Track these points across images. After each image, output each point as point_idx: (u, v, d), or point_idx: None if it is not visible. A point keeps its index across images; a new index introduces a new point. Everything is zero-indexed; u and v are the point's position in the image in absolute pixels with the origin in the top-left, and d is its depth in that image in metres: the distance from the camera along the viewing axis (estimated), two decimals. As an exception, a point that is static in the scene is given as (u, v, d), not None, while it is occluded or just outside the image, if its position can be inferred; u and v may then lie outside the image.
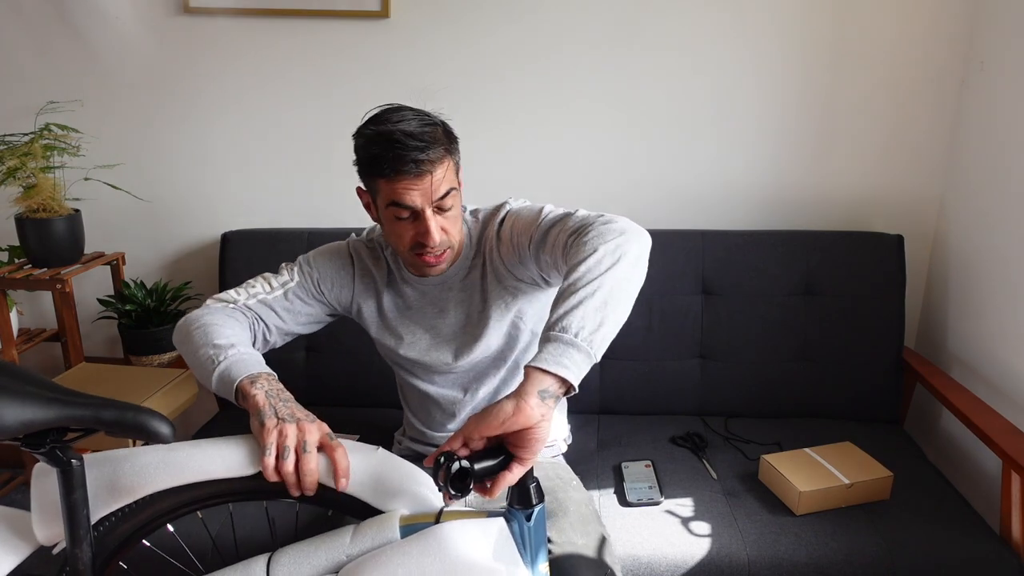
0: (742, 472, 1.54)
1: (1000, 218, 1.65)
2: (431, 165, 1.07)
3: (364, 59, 1.89)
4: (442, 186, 1.09)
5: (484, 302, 1.25)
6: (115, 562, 0.87)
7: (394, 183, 1.08)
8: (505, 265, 1.22)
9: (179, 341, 1.12)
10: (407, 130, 1.06)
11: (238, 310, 1.17)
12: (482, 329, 1.24)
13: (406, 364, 1.31)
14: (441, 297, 1.27)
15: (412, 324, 1.28)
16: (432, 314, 1.27)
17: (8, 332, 1.79)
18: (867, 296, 1.77)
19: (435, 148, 1.07)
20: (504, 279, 1.23)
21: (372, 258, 1.29)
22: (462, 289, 1.26)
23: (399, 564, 0.78)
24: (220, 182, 2.00)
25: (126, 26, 1.89)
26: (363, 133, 1.12)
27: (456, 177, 1.15)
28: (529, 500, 0.82)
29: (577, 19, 1.84)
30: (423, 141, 1.06)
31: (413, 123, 1.07)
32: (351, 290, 1.28)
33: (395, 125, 1.07)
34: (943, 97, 1.84)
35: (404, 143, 1.05)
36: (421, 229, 1.11)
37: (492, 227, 1.23)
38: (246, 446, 0.88)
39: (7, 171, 1.70)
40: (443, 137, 1.11)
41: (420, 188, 1.08)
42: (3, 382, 0.73)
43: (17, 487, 2.06)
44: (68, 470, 0.77)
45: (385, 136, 1.07)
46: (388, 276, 1.29)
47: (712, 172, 1.94)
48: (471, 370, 1.29)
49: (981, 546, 1.32)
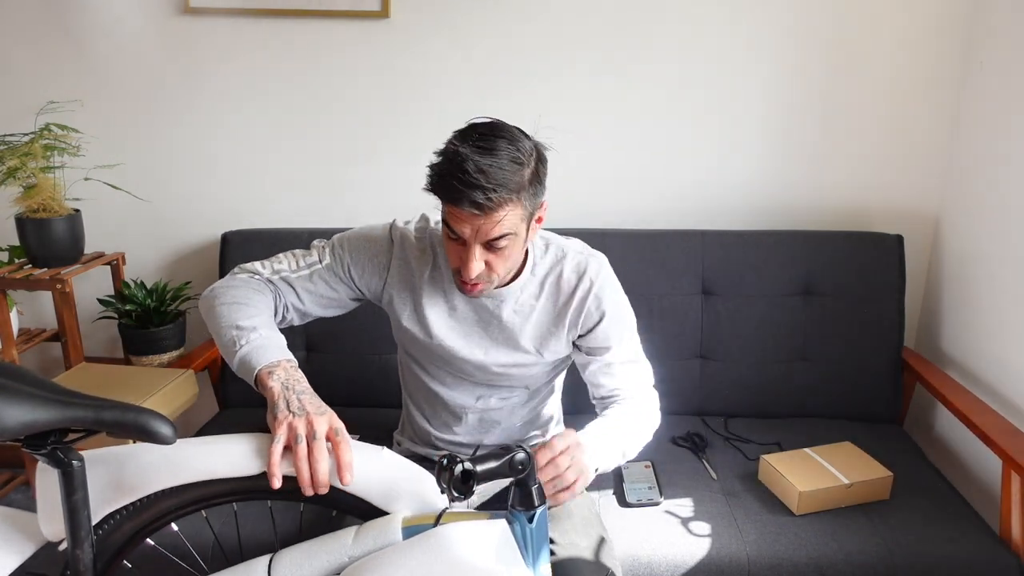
0: (742, 472, 1.54)
1: (1000, 218, 1.66)
2: (491, 210, 1.00)
3: (364, 59, 1.89)
4: (497, 229, 1.03)
5: (532, 329, 1.23)
6: (119, 560, 0.87)
7: (450, 208, 1.04)
8: (567, 323, 1.22)
9: (205, 313, 1.13)
10: (481, 165, 0.98)
11: (262, 282, 1.16)
12: (514, 343, 1.23)
13: (424, 359, 1.29)
14: (485, 308, 1.23)
15: (447, 322, 1.24)
16: (472, 321, 1.23)
17: (8, 332, 1.79)
18: (867, 296, 1.77)
19: (502, 192, 0.99)
20: (556, 329, 1.23)
21: (418, 249, 1.23)
22: (514, 311, 1.22)
23: (401, 565, 0.78)
24: (220, 182, 2.00)
25: (126, 26, 1.89)
26: (447, 143, 1.04)
27: (523, 223, 1.07)
28: (531, 502, 0.82)
29: (577, 20, 1.84)
30: (492, 182, 0.98)
31: (496, 157, 0.99)
32: (382, 279, 1.23)
33: (475, 156, 0.98)
34: (943, 98, 1.84)
35: (470, 179, 0.97)
36: (464, 256, 1.07)
37: (585, 276, 1.20)
38: (251, 445, 0.87)
39: (7, 171, 1.70)
40: (522, 182, 1.02)
41: (472, 225, 1.03)
42: (4, 383, 0.73)
43: (17, 487, 2.06)
44: (69, 471, 0.78)
45: (459, 161, 0.99)
46: (432, 272, 1.22)
47: (712, 172, 1.94)
48: (489, 380, 1.28)
49: (981, 546, 1.32)
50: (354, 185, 1.98)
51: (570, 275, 1.21)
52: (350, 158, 1.96)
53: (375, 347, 1.78)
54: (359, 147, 1.95)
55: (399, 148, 1.94)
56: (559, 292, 1.22)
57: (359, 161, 1.96)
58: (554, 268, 1.22)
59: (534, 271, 1.22)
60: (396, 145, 1.94)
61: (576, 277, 1.21)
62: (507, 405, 1.32)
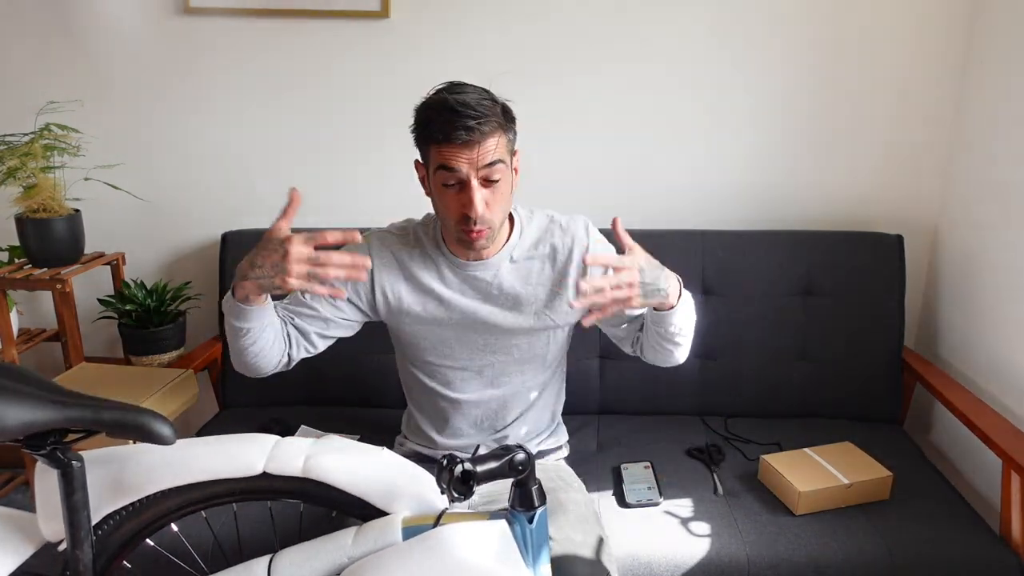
0: (742, 472, 1.54)
1: (1000, 218, 1.66)
2: (482, 136, 1.09)
3: (364, 59, 1.89)
4: (489, 159, 1.10)
5: (533, 296, 1.26)
6: (119, 560, 0.87)
7: (443, 148, 1.10)
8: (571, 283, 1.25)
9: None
10: (463, 100, 1.08)
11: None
12: (518, 306, 1.26)
13: (427, 351, 1.30)
14: (482, 280, 1.26)
15: (445, 301, 1.26)
16: (471, 294, 1.27)
17: (8, 332, 1.79)
18: (867, 296, 1.77)
19: (488, 121, 1.09)
20: (562, 289, 1.26)
21: (400, 238, 1.29)
22: (512, 275, 1.26)
23: (401, 566, 0.78)
24: (220, 182, 2.00)
25: (126, 26, 1.89)
26: (423, 101, 1.14)
27: (508, 154, 1.15)
28: (531, 502, 0.82)
29: (576, 20, 1.84)
30: (477, 111, 1.08)
31: (471, 96, 1.10)
32: (369, 278, 1.26)
33: (452, 95, 1.10)
34: (943, 97, 1.84)
35: (458, 111, 1.07)
36: (465, 200, 1.12)
37: (574, 233, 1.27)
38: (251, 445, 0.88)
39: (7, 171, 1.70)
40: (499, 114, 1.12)
41: (468, 157, 1.09)
42: (4, 383, 0.73)
43: (17, 487, 2.06)
44: (68, 471, 0.78)
45: (440, 103, 1.10)
46: (421, 254, 1.27)
47: (712, 172, 1.94)
48: (496, 348, 1.29)
49: (981, 546, 1.32)
50: (354, 185, 1.98)
51: (564, 238, 1.28)
52: (351, 158, 1.96)
53: (375, 347, 1.78)
54: (359, 147, 1.94)
55: (399, 148, 1.93)
56: (556, 254, 1.27)
57: (359, 161, 1.96)
58: (546, 233, 1.28)
59: (523, 234, 1.27)
60: (396, 145, 1.93)
61: (570, 239, 1.27)
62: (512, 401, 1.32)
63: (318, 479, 0.87)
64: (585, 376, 1.78)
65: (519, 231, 1.27)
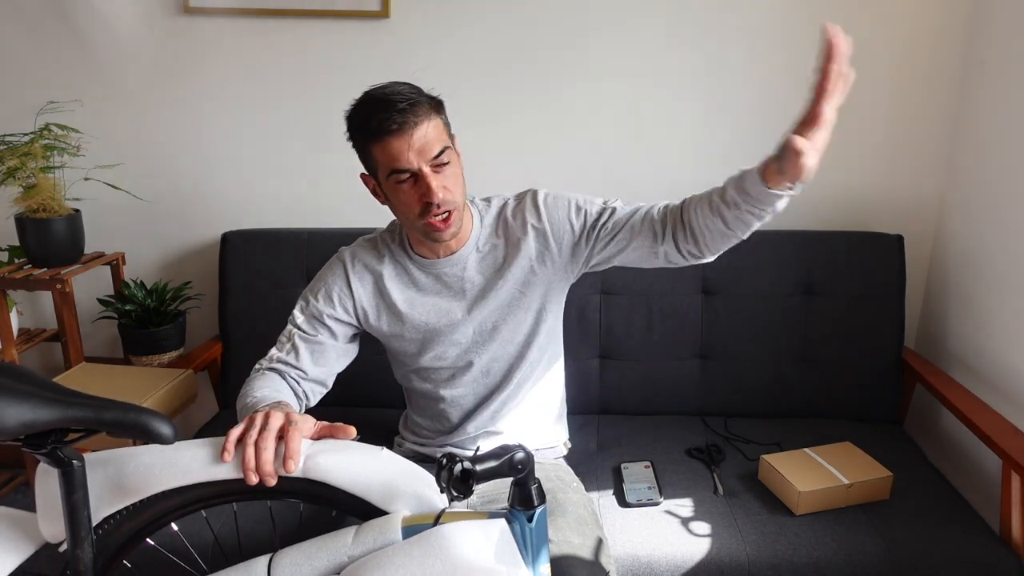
0: (742, 472, 1.54)
1: (1000, 218, 1.66)
2: (415, 118, 1.10)
3: (364, 59, 1.89)
4: (434, 145, 1.12)
5: (502, 279, 1.27)
6: (119, 560, 0.87)
7: (385, 145, 1.11)
8: (553, 234, 1.27)
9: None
10: (387, 92, 1.11)
11: (270, 370, 1.22)
12: (492, 298, 1.27)
13: (416, 357, 1.32)
14: (452, 276, 1.28)
15: (417, 297, 1.29)
16: (437, 291, 1.29)
17: (8, 332, 1.79)
18: (867, 296, 1.77)
19: (419, 104, 1.11)
20: (544, 255, 1.27)
21: (370, 248, 1.32)
22: (479, 271, 1.28)
23: (400, 565, 0.78)
24: (220, 182, 2.00)
25: (126, 26, 1.89)
26: (350, 108, 1.16)
27: (449, 139, 1.17)
28: (531, 501, 0.82)
29: (576, 20, 1.84)
30: (406, 98, 1.10)
31: (394, 87, 1.13)
32: (351, 296, 1.29)
33: (376, 91, 1.13)
34: (943, 97, 1.84)
35: (387, 100, 1.09)
36: (423, 189, 1.13)
37: (524, 205, 1.29)
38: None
39: (7, 171, 1.70)
40: (427, 99, 1.14)
41: (411, 147, 1.10)
42: (4, 383, 0.73)
43: (17, 487, 2.06)
44: (69, 471, 0.78)
45: (367, 101, 1.13)
46: (390, 259, 1.30)
47: (712, 172, 1.93)
48: (481, 355, 1.30)
49: (981, 546, 1.32)
50: (354, 185, 1.97)
51: (513, 210, 1.31)
52: (351, 158, 1.96)
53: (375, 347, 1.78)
54: (359, 147, 1.94)
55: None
56: (511, 229, 1.29)
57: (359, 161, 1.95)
58: (500, 214, 1.31)
59: (483, 223, 1.30)
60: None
61: (519, 206, 1.31)
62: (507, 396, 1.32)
63: (318, 478, 0.87)
64: (585, 376, 1.79)
65: (479, 221, 1.29)
